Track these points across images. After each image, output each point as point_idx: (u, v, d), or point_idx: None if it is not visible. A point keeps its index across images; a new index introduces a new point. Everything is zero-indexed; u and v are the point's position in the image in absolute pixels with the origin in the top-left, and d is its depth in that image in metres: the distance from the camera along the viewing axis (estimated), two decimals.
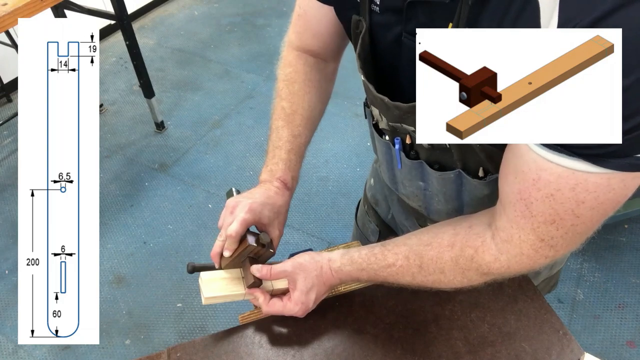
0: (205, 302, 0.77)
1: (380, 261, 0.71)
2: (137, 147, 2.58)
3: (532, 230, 0.57)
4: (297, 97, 0.84)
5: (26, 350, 1.78)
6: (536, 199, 0.54)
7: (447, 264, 0.66)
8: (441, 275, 0.68)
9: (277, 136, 0.82)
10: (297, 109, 0.83)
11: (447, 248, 0.66)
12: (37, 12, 1.76)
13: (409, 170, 0.79)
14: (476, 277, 0.66)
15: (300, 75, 0.85)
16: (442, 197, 0.79)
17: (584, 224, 0.54)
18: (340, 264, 0.74)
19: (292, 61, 0.86)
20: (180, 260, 2.04)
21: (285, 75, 0.86)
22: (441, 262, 0.67)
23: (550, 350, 0.73)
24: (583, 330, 1.75)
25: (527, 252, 0.59)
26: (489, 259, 0.63)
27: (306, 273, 0.74)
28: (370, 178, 1.08)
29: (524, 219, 0.57)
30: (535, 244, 0.58)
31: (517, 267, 0.62)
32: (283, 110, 0.83)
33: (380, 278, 0.73)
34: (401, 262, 0.70)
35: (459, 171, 0.72)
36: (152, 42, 3.33)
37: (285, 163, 0.81)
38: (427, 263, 0.68)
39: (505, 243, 0.61)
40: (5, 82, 2.80)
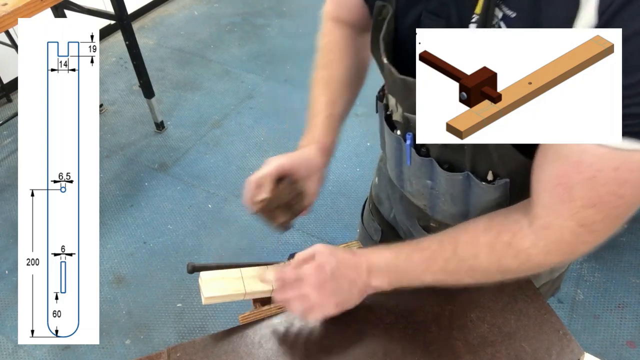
0: (205, 302, 0.77)
1: (414, 244, 0.71)
2: (137, 147, 2.58)
3: (570, 216, 0.56)
4: (334, 64, 0.85)
5: (26, 350, 1.78)
6: (577, 182, 0.53)
7: (483, 249, 0.65)
8: (476, 261, 0.66)
9: (315, 104, 0.84)
10: (335, 75, 0.85)
11: (483, 232, 0.65)
12: (37, 12, 1.76)
13: (418, 168, 0.78)
14: (514, 265, 0.64)
15: (337, 44, 0.87)
16: (449, 198, 0.79)
17: (625, 204, 0.53)
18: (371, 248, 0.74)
19: (328, 31, 0.89)
20: (180, 260, 2.04)
21: (323, 45, 0.88)
22: (476, 246, 0.65)
23: (550, 350, 0.73)
24: (583, 330, 1.75)
25: (567, 238, 0.58)
26: (527, 245, 0.61)
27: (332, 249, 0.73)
28: (375, 177, 1.08)
29: (562, 205, 0.56)
30: (575, 229, 0.57)
31: (557, 254, 0.61)
32: (322, 79, 0.85)
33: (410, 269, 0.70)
34: (435, 247, 0.69)
35: (468, 173, 0.72)
36: (152, 42, 3.33)
37: (323, 127, 0.82)
38: (462, 247, 0.66)
39: (544, 229, 0.60)
40: (5, 82, 2.80)
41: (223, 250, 2.08)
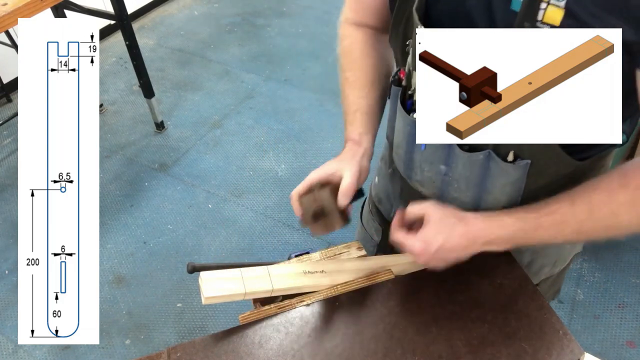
0: (205, 302, 0.77)
1: (540, 209, 0.67)
2: (137, 147, 2.58)
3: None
4: (357, 63, 0.86)
5: (26, 350, 1.78)
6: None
7: (623, 207, 0.63)
8: (614, 219, 0.64)
9: (345, 105, 0.85)
10: (360, 74, 0.85)
11: (620, 189, 0.63)
12: (37, 12, 1.76)
13: (434, 152, 0.77)
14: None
15: (359, 44, 0.86)
16: (463, 183, 0.77)
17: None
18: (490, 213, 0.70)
19: (349, 34, 0.88)
20: (180, 260, 2.04)
21: (344, 48, 0.88)
22: (615, 204, 0.63)
23: (550, 350, 0.73)
24: (583, 330, 1.75)
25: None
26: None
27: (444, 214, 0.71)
28: (375, 177, 1.08)
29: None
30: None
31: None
32: (347, 80, 0.86)
33: (539, 229, 0.67)
34: (565, 209, 0.66)
35: (489, 152, 0.70)
36: (152, 42, 3.33)
37: (352, 124, 0.83)
38: (597, 206, 0.64)
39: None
40: (5, 82, 2.80)
41: (223, 250, 2.08)
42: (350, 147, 0.82)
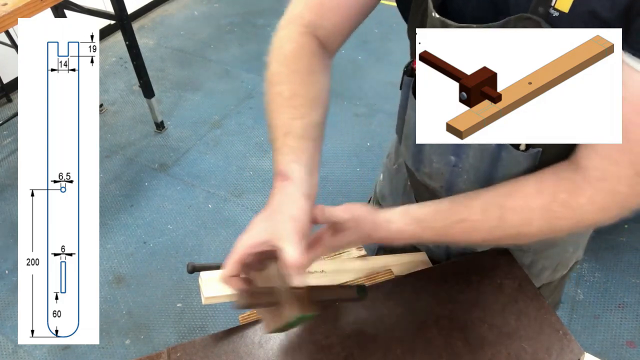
0: (205, 302, 0.77)
1: (450, 216, 0.65)
2: (137, 147, 2.58)
3: (629, 163, 0.55)
4: (300, 76, 0.70)
5: (26, 350, 1.78)
6: (637, 124, 0.52)
7: (536, 214, 0.62)
8: (527, 227, 0.63)
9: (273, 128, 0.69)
10: (299, 90, 0.69)
11: (535, 195, 0.62)
12: (37, 12, 1.76)
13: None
14: (566, 228, 0.62)
15: (306, 52, 0.71)
16: (473, 174, 0.76)
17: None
18: (402, 225, 0.67)
19: (295, 38, 0.72)
20: (180, 260, 2.04)
21: (284, 53, 0.71)
22: (528, 211, 0.62)
23: (550, 350, 0.73)
24: (583, 330, 1.75)
25: (623, 189, 0.57)
26: (584, 202, 0.59)
27: (358, 229, 0.67)
28: (380, 174, 1.07)
29: (620, 152, 0.55)
30: (632, 178, 0.56)
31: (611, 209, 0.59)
32: (279, 95, 0.69)
33: (447, 236, 0.66)
34: (476, 217, 0.64)
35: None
36: (152, 42, 3.33)
37: (280, 153, 0.66)
38: (509, 215, 0.63)
39: (600, 182, 0.58)
40: (5, 82, 2.80)
41: (223, 250, 2.08)
42: (278, 188, 0.63)
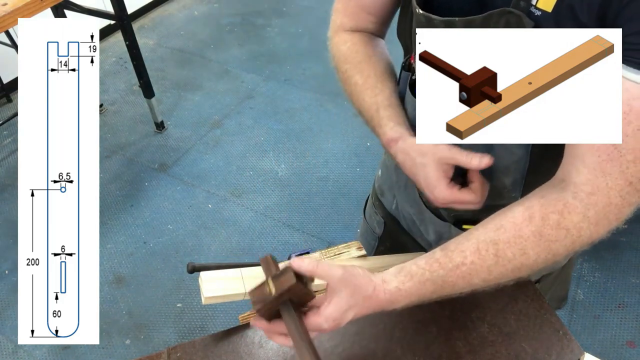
0: (205, 302, 0.77)
1: (445, 264, 0.63)
2: (137, 147, 2.58)
3: (620, 173, 0.54)
4: (364, 64, 0.80)
5: (26, 350, 1.78)
6: (626, 134, 0.52)
7: (530, 241, 0.60)
8: (523, 257, 0.61)
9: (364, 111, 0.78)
10: (368, 74, 0.79)
11: (525, 223, 0.60)
12: (37, 12, 1.76)
13: None
14: (562, 250, 0.61)
15: (360, 46, 0.81)
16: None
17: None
18: (397, 283, 0.63)
19: (346, 39, 0.83)
20: (180, 260, 2.04)
21: (344, 53, 0.82)
22: (521, 241, 0.61)
23: (550, 350, 0.73)
24: (583, 330, 1.75)
25: (615, 200, 0.56)
26: (577, 219, 0.58)
27: (355, 290, 0.62)
28: (379, 169, 1.08)
29: (610, 163, 0.54)
30: (624, 189, 0.55)
31: (605, 223, 0.59)
32: (356, 85, 0.79)
33: (448, 286, 0.63)
34: (472, 258, 0.62)
35: None
36: (152, 42, 3.33)
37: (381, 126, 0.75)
38: (503, 249, 0.61)
39: (592, 196, 0.57)
40: (5, 82, 2.80)
41: (223, 250, 2.08)
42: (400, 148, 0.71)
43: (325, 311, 0.61)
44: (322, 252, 0.87)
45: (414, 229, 0.98)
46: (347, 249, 0.89)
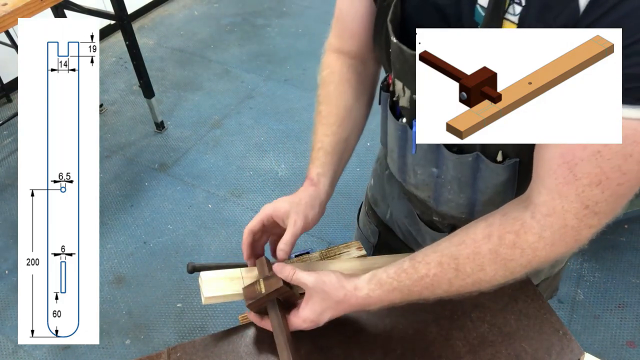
0: (205, 302, 0.77)
1: (412, 275, 0.67)
2: (137, 147, 2.58)
3: (576, 196, 0.55)
4: (332, 97, 0.84)
5: (26, 350, 1.78)
6: (581, 159, 0.52)
7: (487, 258, 0.63)
8: (481, 273, 0.64)
9: (312, 140, 0.83)
10: (332, 109, 0.83)
11: (484, 241, 0.63)
12: (37, 12, 1.76)
13: (424, 155, 0.77)
14: (519, 268, 0.63)
15: (336, 76, 0.85)
16: (456, 185, 0.77)
17: (629, 182, 0.53)
18: (367, 291, 0.69)
19: (329, 63, 0.86)
20: (180, 260, 2.04)
21: (322, 78, 0.86)
22: (479, 257, 0.63)
23: (550, 350, 0.73)
24: (583, 330, 1.75)
25: (571, 222, 0.57)
26: (533, 239, 0.60)
27: (326, 295, 0.70)
28: (371, 179, 1.08)
29: (567, 185, 0.55)
30: (580, 212, 0.56)
31: (561, 244, 0.59)
32: (319, 114, 0.84)
33: (414, 295, 0.68)
34: (434, 270, 0.66)
35: (477, 154, 0.71)
36: (152, 42, 3.33)
37: (313, 162, 0.82)
38: (463, 263, 0.64)
39: (548, 217, 0.58)
40: (5, 82, 2.80)
41: (223, 250, 2.08)
42: (306, 187, 0.80)
43: (302, 313, 0.71)
44: (322, 252, 0.87)
45: (410, 239, 0.98)
46: (347, 249, 0.89)
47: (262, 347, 0.77)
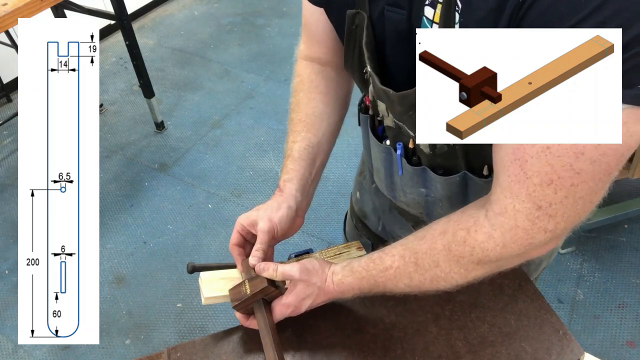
0: (205, 302, 0.77)
1: (378, 266, 0.68)
2: (137, 147, 2.58)
3: (527, 196, 0.53)
4: (301, 105, 0.85)
5: (26, 350, 1.78)
6: (531, 155, 0.51)
7: (441, 254, 0.62)
8: (437, 269, 0.63)
9: (284, 148, 0.85)
10: (301, 116, 0.84)
11: (440, 236, 0.63)
12: (37, 12, 1.76)
13: (411, 177, 0.77)
14: (472, 266, 0.61)
15: (305, 84, 0.86)
16: (447, 202, 0.78)
17: (585, 183, 0.50)
18: (341, 276, 0.72)
19: (299, 72, 0.88)
20: (180, 260, 2.04)
21: (293, 87, 0.88)
22: (435, 253, 0.63)
23: (550, 350, 0.73)
24: (583, 330, 1.75)
25: (523, 224, 0.55)
26: (482, 238, 0.58)
27: (309, 281, 0.72)
28: (356, 192, 1.07)
29: (518, 184, 0.53)
30: (532, 212, 0.53)
31: (513, 246, 0.57)
32: (290, 122, 0.86)
33: (380, 285, 0.69)
34: (397, 263, 0.66)
35: (465, 172, 0.71)
36: (152, 42, 3.33)
37: (281, 170, 0.83)
38: (421, 258, 0.64)
39: (499, 216, 0.56)
40: (5, 82, 2.80)
41: (223, 250, 2.08)
42: (274, 195, 0.81)
43: (286, 300, 0.73)
44: (322, 252, 0.87)
45: None
46: (347, 249, 0.89)
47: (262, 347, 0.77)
